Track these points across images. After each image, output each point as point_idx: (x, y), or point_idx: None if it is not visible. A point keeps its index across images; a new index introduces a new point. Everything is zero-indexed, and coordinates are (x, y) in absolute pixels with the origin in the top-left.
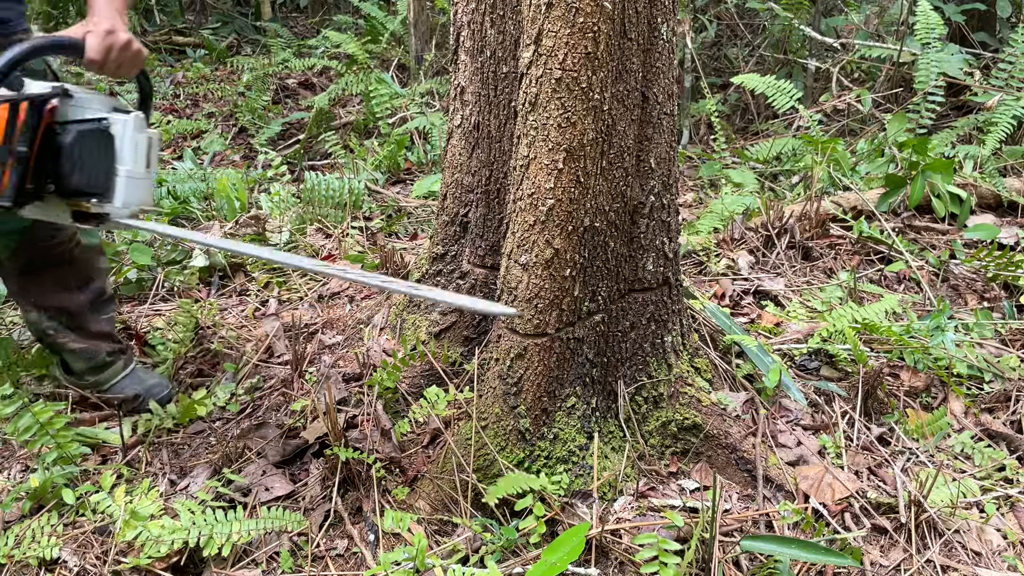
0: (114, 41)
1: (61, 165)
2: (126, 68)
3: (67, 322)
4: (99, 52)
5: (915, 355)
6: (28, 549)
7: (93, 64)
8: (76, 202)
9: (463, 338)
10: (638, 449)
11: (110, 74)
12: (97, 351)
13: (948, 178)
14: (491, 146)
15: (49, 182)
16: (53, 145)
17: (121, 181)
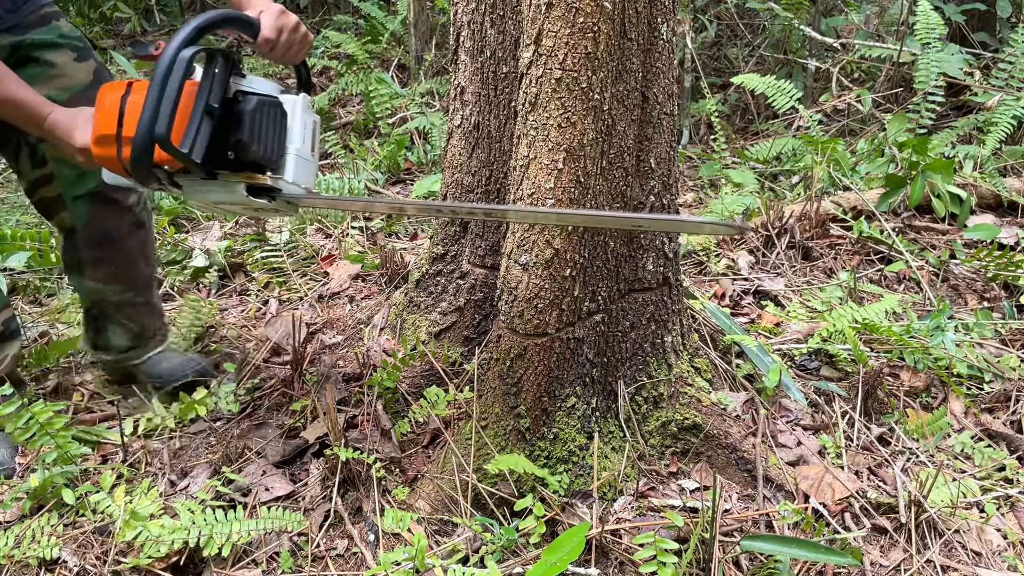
0: (287, 22)
1: (241, 132)
2: (295, 50)
3: (135, 295)
4: (273, 31)
5: (915, 355)
6: (28, 549)
7: (266, 43)
8: (251, 175)
9: (463, 338)
10: (638, 449)
11: (279, 56)
12: (147, 326)
13: (948, 178)
14: (491, 146)
15: (229, 150)
16: (234, 112)
17: (291, 158)
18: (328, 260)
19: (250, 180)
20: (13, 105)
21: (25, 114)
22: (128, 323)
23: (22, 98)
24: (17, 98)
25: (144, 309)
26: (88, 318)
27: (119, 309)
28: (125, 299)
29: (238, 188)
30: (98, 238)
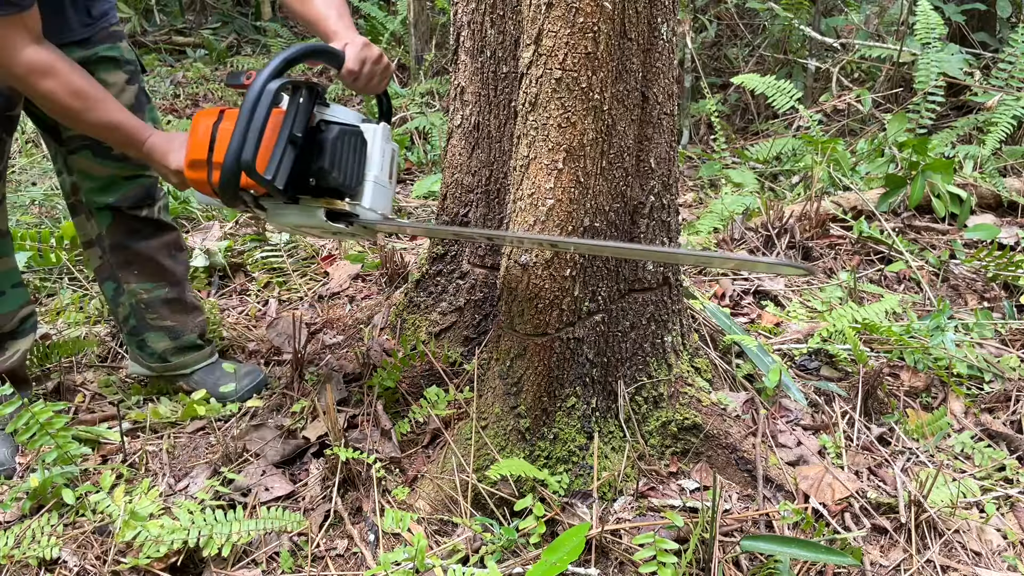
0: (370, 54)
1: (323, 160)
2: (377, 81)
3: (166, 294)
4: (357, 63)
5: (915, 355)
6: (28, 549)
7: (350, 75)
8: (330, 200)
9: (463, 338)
10: (638, 449)
11: (362, 86)
12: (184, 328)
13: (948, 178)
14: (491, 146)
15: (311, 177)
16: (317, 140)
17: (369, 185)
18: (328, 260)
19: (329, 205)
20: (115, 127)
21: (125, 137)
22: (162, 322)
23: (122, 121)
24: (117, 121)
25: (177, 305)
26: (129, 333)
27: (152, 309)
28: (156, 296)
29: (318, 213)
30: (122, 243)
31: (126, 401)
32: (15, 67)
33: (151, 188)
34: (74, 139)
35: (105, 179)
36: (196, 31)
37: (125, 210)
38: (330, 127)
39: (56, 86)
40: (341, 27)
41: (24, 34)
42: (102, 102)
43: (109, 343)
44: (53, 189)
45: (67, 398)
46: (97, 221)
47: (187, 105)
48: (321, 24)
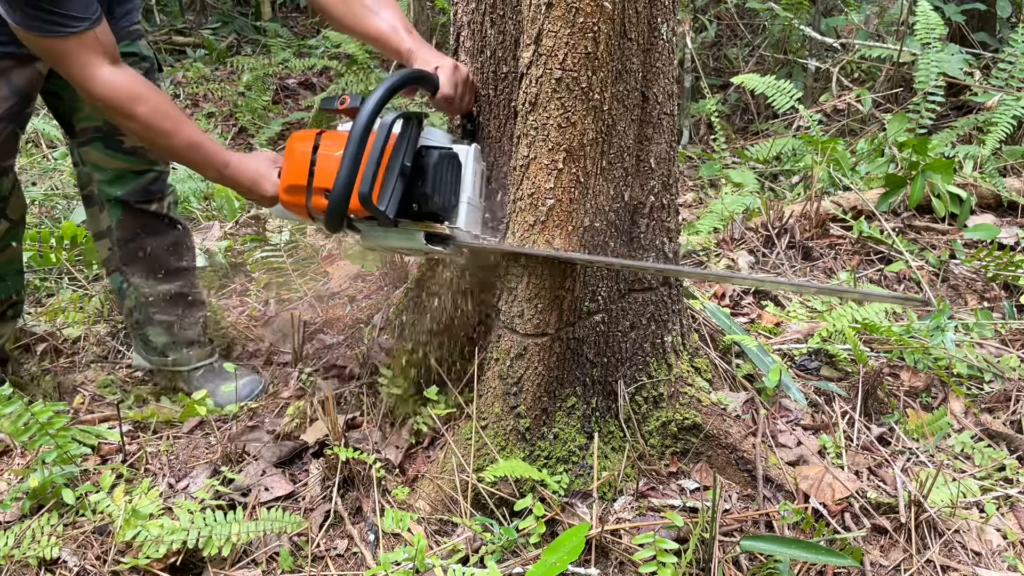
0: (461, 76)
1: (426, 185)
2: (467, 102)
3: (170, 289)
4: (452, 87)
5: (915, 355)
6: (28, 549)
7: (446, 99)
8: (429, 224)
9: (463, 338)
10: (638, 449)
11: (455, 109)
12: (184, 323)
13: (948, 178)
14: (491, 146)
15: (414, 202)
16: (420, 166)
17: (464, 207)
18: (328, 260)
19: (429, 229)
20: (197, 147)
21: (204, 158)
22: (163, 316)
23: (203, 142)
24: (199, 141)
25: (179, 300)
26: (134, 326)
27: (154, 303)
28: (159, 291)
29: (418, 236)
30: (130, 236)
31: (126, 401)
32: (96, 90)
33: (160, 182)
34: (86, 131)
35: (115, 171)
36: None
37: (134, 204)
38: (431, 152)
39: (145, 110)
40: (415, 44)
41: (100, 54)
42: (184, 122)
43: (109, 343)
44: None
45: (67, 398)
46: (109, 213)
47: (187, 105)
48: (391, 41)
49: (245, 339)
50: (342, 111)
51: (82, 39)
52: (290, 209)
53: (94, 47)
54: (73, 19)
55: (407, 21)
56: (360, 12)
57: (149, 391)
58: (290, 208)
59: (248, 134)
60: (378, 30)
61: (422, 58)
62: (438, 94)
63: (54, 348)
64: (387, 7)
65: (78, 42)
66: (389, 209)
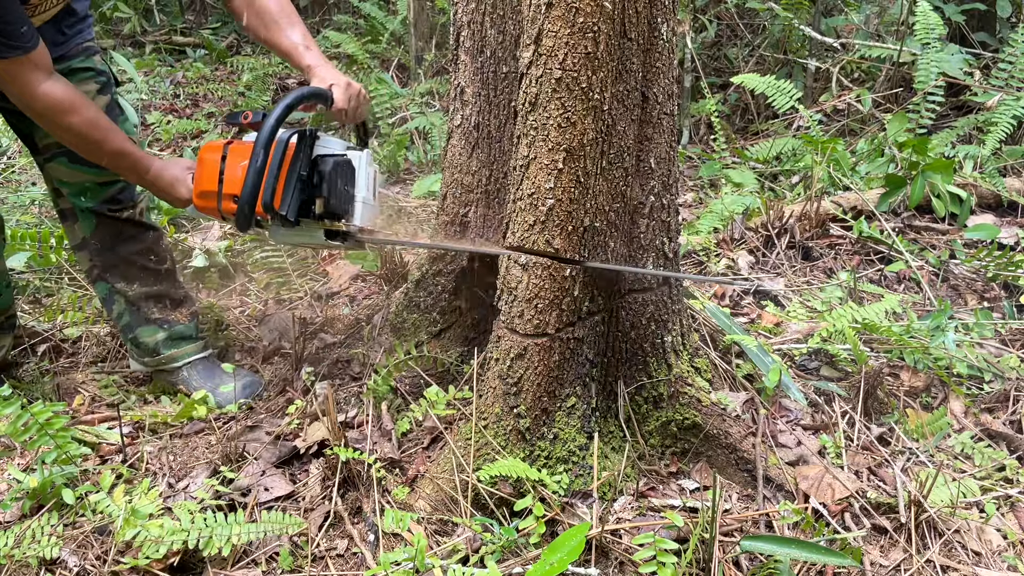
0: (354, 91)
1: (322, 190)
2: (360, 113)
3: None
4: (346, 101)
5: (915, 355)
6: (28, 549)
7: (341, 113)
8: (329, 223)
9: (463, 338)
10: (638, 449)
11: (350, 119)
12: (175, 320)
13: (948, 178)
14: (491, 146)
15: (312, 204)
16: (316, 173)
17: (358, 206)
18: (328, 260)
19: (328, 227)
20: (124, 155)
21: (130, 165)
22: (152, 314)
23: (130, 150)
24: (127, 150)
25: (164, 300)
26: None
27: (140, 305)
28: (143, 293)
29: (318, 233)
30: (107, 243)
31: (126, 401)
32: (35, 104)
33: (128, 191)
34: (50, 147)
35: (81, 185)
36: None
37: (107, 213)
38: (325, 160)
39: (78, 121)
40: (315, 60)
41: (36, 72)
42: (113, 132)
43: (109, 343)
44: None
45: (67, 398)
46: (82, 225)
47: (187, 105)
48: (294, 56)
49: (245, 339)
50: (246, 125)
51: (21, 61)
52: (203, 211)
53: (30, 67)
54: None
55: (311, 39)
56: (272, 27)
57: (149, 391)
58: (203, 210)
59: None
60: (284, 45)
61: (320, 75)
62: (333, 107)
63: (54, 348)
64: (294, 25)
65: (19, 64)
66: (290, 213)
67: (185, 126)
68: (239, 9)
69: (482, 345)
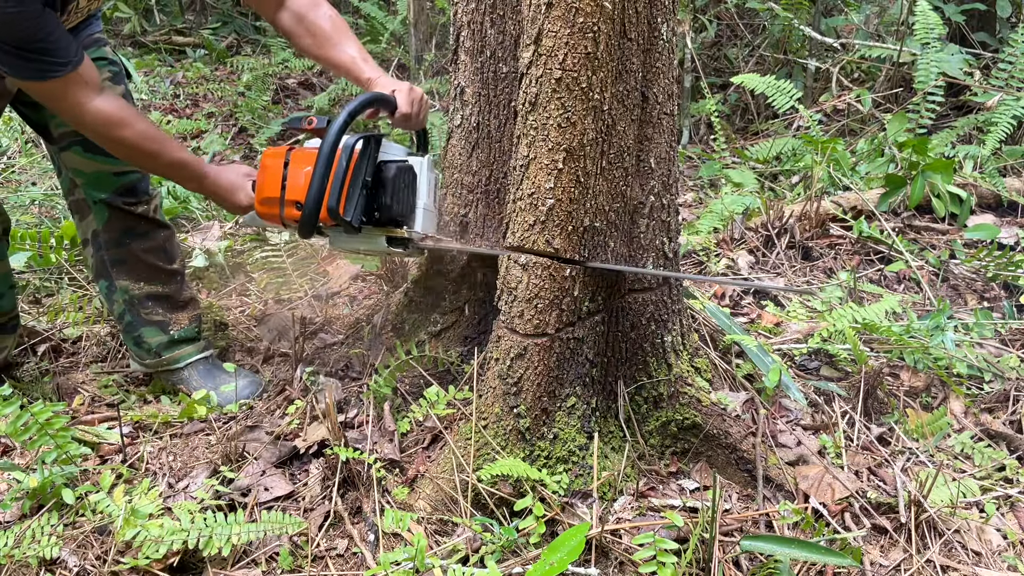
0: (416, 96)
1: (385, 196)
2: (423, 119)
3: (159, 291)
4: (409, 106)
5: (915, 355)
6: (28, 549)
7: (405, 119)
8: (390, 229)
9: (463, 338)
10: (638, 449)
11: (413, 125)
12: (178, 322)
13: (948, 178)
14: (491, 146)
15: (376, 210)
16: (380, 179)
17: (420, 212)
18: (328, 260)
19: (389, 233)
20: (182, 166)
21: (188, 174)
22: (154, 316)
23: (186, 160)
24: (182, 160)
25: (170, 301)
26: (125, 330)
27: (144, 304)
28: (149, 293)
29: (380, 240)
30: (118, 239)
31: (126, 401)
32: (86, 120)
33: (145, 182)
34: (65, 136)
35: (96, 174)
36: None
37: (120, 206)
38: (388, 166)
39: (131, 134)
40: (374, 72)
41: (86, 88)
42: (168, 142)
43: (109, 343)
44: (53, 189)
45: (67, 398)
46: (95, 216)
47: (187, 105)
48: (354, 70)
49: (245, 339)
50: (309, 130)
51: (69, 79)
52: (264, 218)
53: (80, 83)
54: (58, 64)
55: (365, 52)
56: (326, 45)
57: (149, 391)
58: (264, 217)
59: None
60: (341, 61)
61: (381, 84)
62: (397, 113)
63: (54, 348)
64: (348, 40)
65: (66, 81)
66: (354, 219)
67: (185, 126)
68: (289, 29)
69: (482, 345)
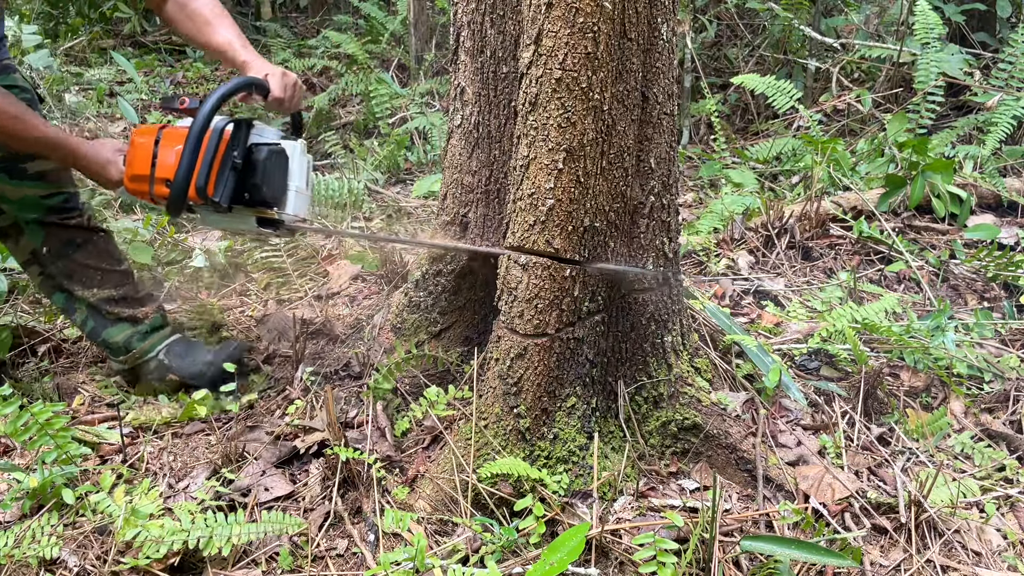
0: (290, 81)
1: (256, 177)
2: (296, 103)
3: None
4: (282, 90)
5: (915, 355)
6: (28, 549)
7: (277, 102)
8: (261, 210)
9: (463, 338)
10: (638, 449)
11: (287, 109)
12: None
13: (948, 178)
14: (491, 146)
15: (246, 191)
16: (251, 161)
17: (291, 195)
18: (328, 260)
19: (260, 214)
20: (45, 142)
21: (56, 150)
22: (116, 314)
23: (52, 136)
24: (48, 135)
25: (127, 302)
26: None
27: (103, 308)
28: (105, 296)
29: (250, 220)
30: (60, 251)
31: (126, 401)
32: None
33: (72, 202)
34: None
35: (23, 199)
36: None
37: (55, 221)
38: (260, 149)
39: None
40: (250, 55)
41: None
42: (30, 117)
43: None
44: None
45: (67, 398)
46: (29, 238)
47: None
48: (229, 53)
49: (245, 338)
50: (182, 110)
51: None
52: (134, 194)
53: None
54: None
55: (244, 38)
56: (205, 29)
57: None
58: (134, 193)
59: None
60: (218, 44)
61: (256, 67)
62: (270, 97)
63: (54, 348)
64: (226, 25)
65: None
66: (223, 199)
67: None
68: (172, 16)
69: (482, 345)
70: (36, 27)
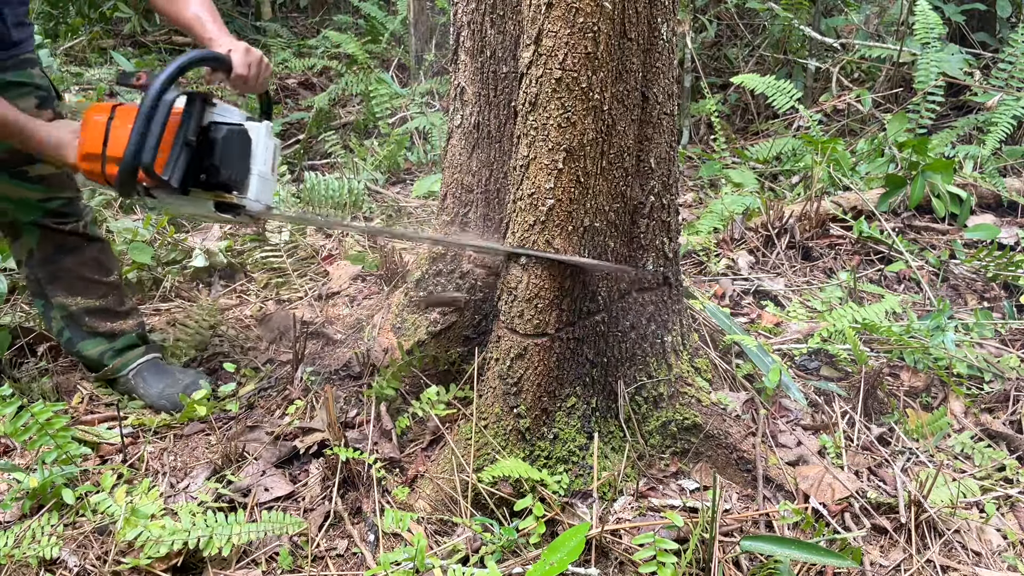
0: (255, 58)
1: (213, 158)
2: (261, 82)
3: (96, 304)
4: (245, 67)
5: (915, 355)
6: (28, 549)
7: (240, 79)
8: (219, 194)
9: (463, 338)
10: (638, 449)
11: (249, 88)
12: (115, 327)
13: (948, 178)
14: (491, 146)
15: (202, 174)
16: (207, 140)
17: (254, 179)
18: (328, 260)
19: (218, 198)
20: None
21: (16, 133)
22: (93, 327)
23: (12, 118)
24: (7, 117)
25: (107, 314)
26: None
27: (82, 318)
28: (86, 306)
29: (207, 204)
30: (50, 256)
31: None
32: None
33: (72, 206)
34: None
35: (22, 201)
36: None
37: (51, 225)
38: (218, 127)
39: None
40: (217, 32)
41: None
42: None
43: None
44: None
45: (66, 398)
46: (28, 237)
47: None
48: (196, 28)
49: (244, 339)
50: (137, 86)
51: None
52: (88, 176)
53: None
54: None
55: (215, 13)
56: (176, 3)
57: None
58: (88, 175)
59: None
60: (187, 18)
61: (221, 44)
62: (232, 74)
63: (53, 348)
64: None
65: None
66: (174, 179)
67: None
68: None
69: (482, 345)
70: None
